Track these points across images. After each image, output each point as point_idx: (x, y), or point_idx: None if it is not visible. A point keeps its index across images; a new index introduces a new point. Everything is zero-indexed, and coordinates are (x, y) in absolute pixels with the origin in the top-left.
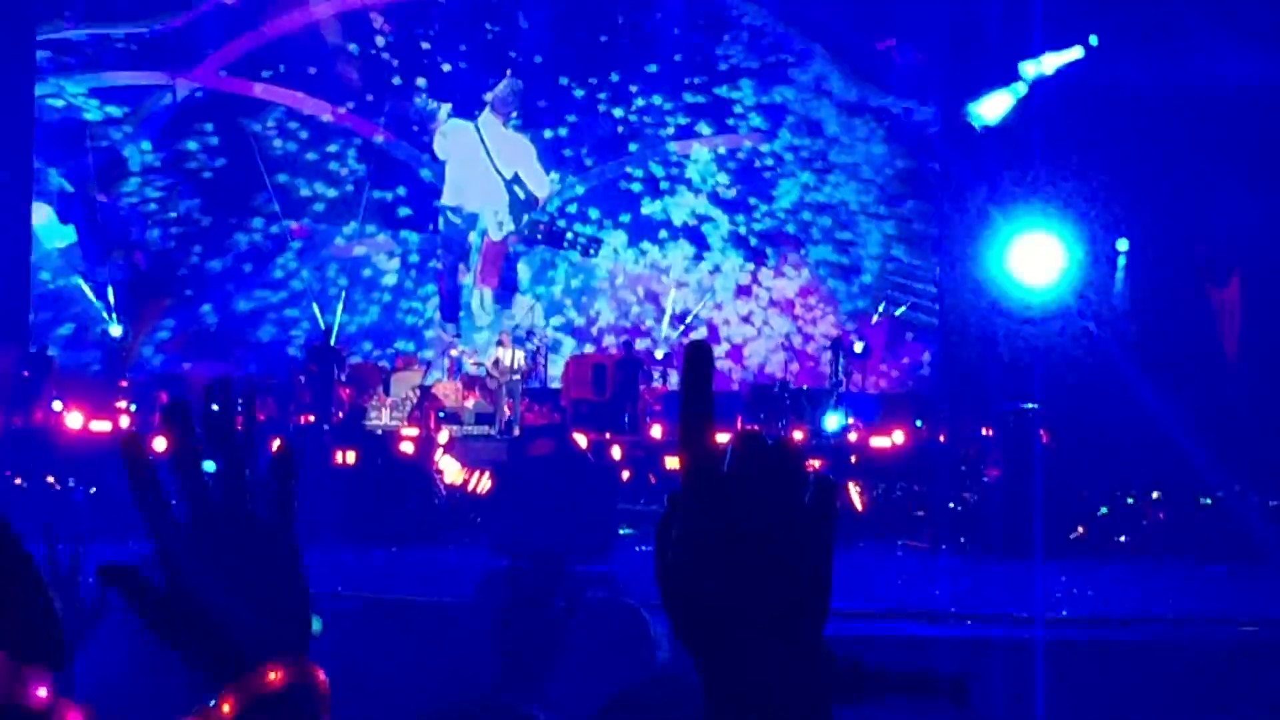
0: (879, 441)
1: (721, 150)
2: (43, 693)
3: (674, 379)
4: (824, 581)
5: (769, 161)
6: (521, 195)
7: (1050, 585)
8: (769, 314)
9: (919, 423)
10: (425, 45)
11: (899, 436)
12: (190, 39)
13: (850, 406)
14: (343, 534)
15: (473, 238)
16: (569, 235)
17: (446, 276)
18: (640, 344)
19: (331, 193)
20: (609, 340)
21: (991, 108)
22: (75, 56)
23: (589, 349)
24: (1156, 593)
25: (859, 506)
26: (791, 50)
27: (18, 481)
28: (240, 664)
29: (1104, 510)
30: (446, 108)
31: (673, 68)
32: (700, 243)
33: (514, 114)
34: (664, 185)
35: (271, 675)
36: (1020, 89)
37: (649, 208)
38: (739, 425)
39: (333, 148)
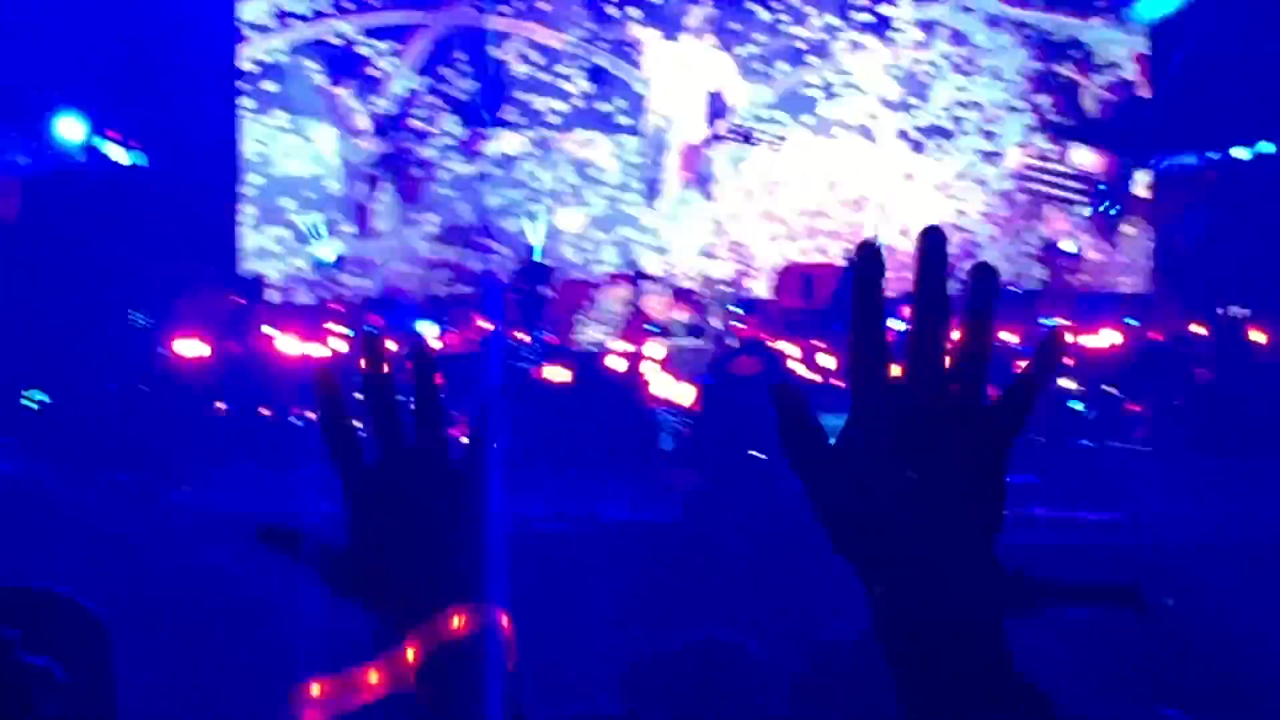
0: (1092, 341)
1: (885, 59)
2: None
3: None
4: (996, 492)
5: (926, 67)
6: (720, 103)
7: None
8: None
9: (1131, 320)
10: None
11: (1115, 336)
12: None
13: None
14: (579, 456)
15: (671, 137)
16: (759, 134)
17: (651, 167)
18: (834, 248)
19: (563, 106)
20: (804, 245)
21: None
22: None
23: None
24: None
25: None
26: None
27: (221, 407)
28: (423, 609)
29: None
30: (656, 33)
31: None
32: (870, 137)
33: (711, 34)
34: (838, 90)
35: (455, 621)
36: None
37: (825, 109)
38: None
39: (562, 68)
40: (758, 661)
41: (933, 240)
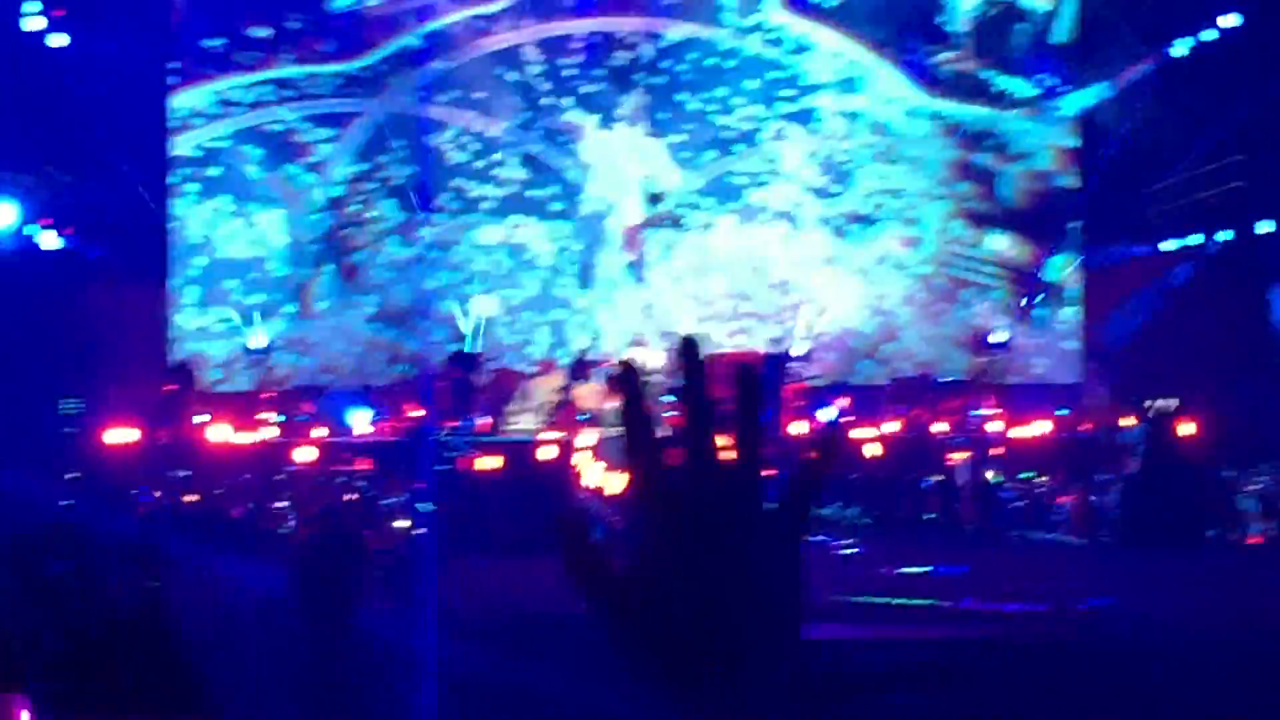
0: (1021, 431)
1: (810, 150)
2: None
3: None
4: (791, 593)
5: (847, 156)
6: (653, 189)
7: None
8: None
9: (1061, 411)
10: (568, 72)
11: (1045, 426)
12: (381, 73)
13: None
14: (483, 545)
15: (611, 222)
16: (686, 220)
17: (586, 252)
18: (766, 334)
19: (498, 192)
20: (730, 327)
21: None
22: (291, 90)
23: (727, 344)
24: None
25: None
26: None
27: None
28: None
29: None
30: (591, 120)
31: (767, 84)
32: (793, 223)
33: (643, 123)
34: (764, 178)
35: None
36: None
37: (751, 196)
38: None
39: (498, 156)
40: None
41: (688, 349)
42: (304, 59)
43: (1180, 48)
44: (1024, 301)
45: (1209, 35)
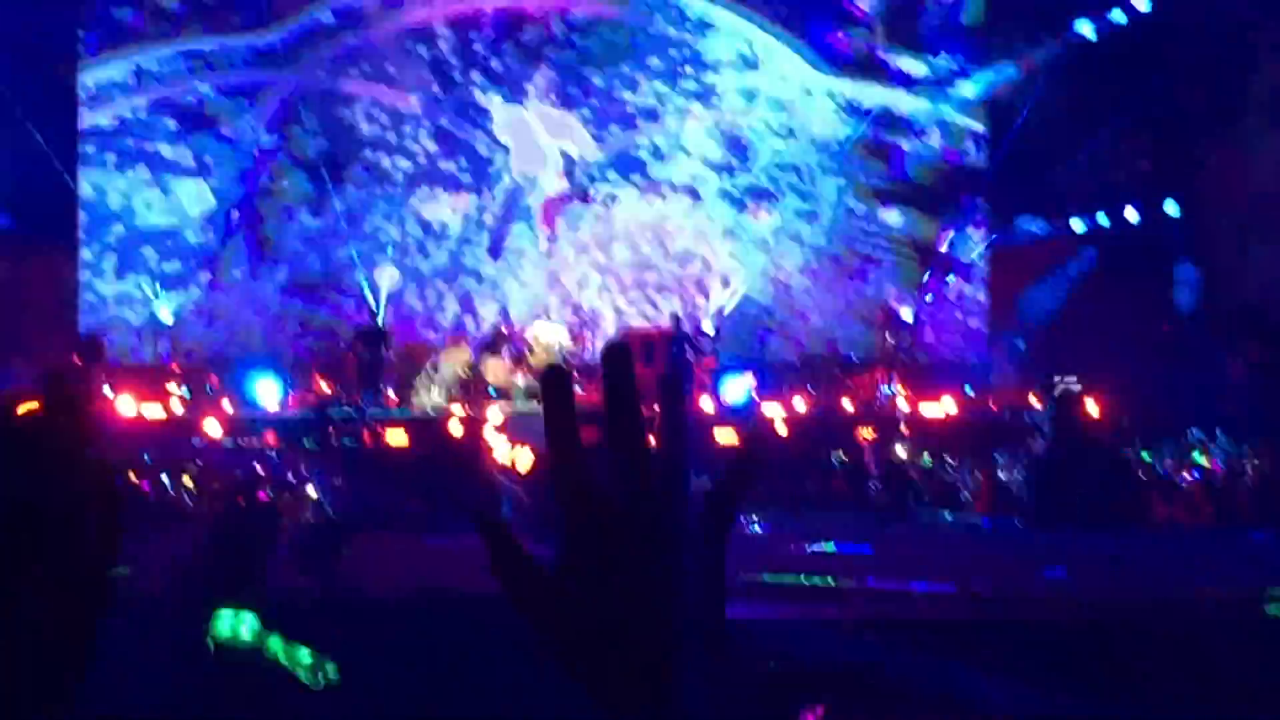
0: (930, 410)
1: (709, 124)
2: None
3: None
4: (716, 586)
5: (747, 132)
6: (563, 161)
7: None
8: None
9: (968, 390)
10: (477, 47)
11: (952, 405)
12: (292, 46)
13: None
14: (392, 520)
15: (530, 198)
16: (594, 193)
17: (499, 223)
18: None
19: (408, 164)
20: (633, 296)
21: None
22: (203, 62)
23: (631, 315)
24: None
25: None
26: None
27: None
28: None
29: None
30: (499, 96)
31: (671, 61)
32: (695, 196)
33: (552, 97)
34: (666, 152)
35: None
36: None
37: (655, 171)
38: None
39: (408, 128)
40: None
41: (614, 355)
42: (215, 30)
43: (1087, 29)
44: (925, 278)
45: (1117, 17)
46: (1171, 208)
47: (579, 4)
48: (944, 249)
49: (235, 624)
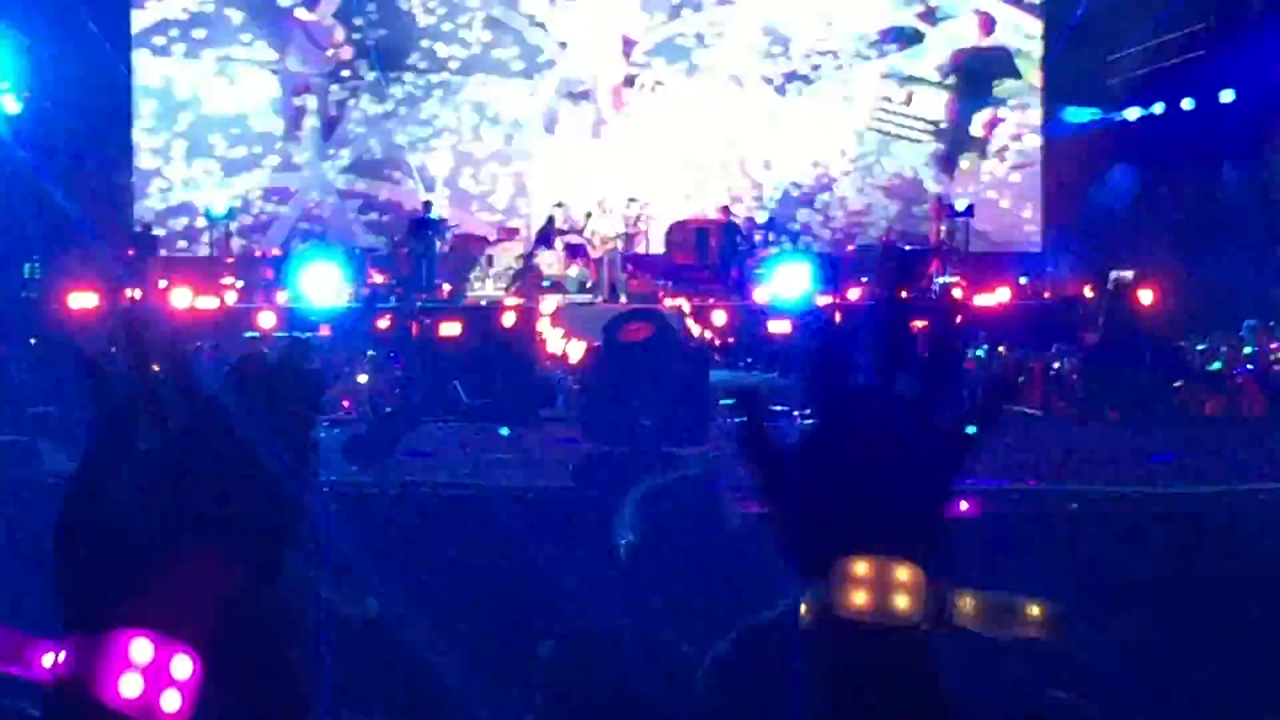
0: (984, 300)
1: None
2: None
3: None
4: (937, 512)
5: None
6: (621, 45)
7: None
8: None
9: (1023, 280)
10: None
11: (1004, 294)
12: None
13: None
14: (445, 411)
15: (581, 80)
16: (641, 79)
17: (550, 109)
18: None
19: (463, 52)
20: (681, 178)
21: None
22: None
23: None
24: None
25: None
26: None
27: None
28: (101, 617)
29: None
30: None
31: None
32: (738, 83)
33: None
34: (709, 41)
35: (135, 648)
36: None
37: (699, 58)
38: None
39: (463, 18)
40: (674, 648)
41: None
42: None
43: None
44: (970, 164)
45: None
46: (1227, 95)
47: None
48: (985, 134)
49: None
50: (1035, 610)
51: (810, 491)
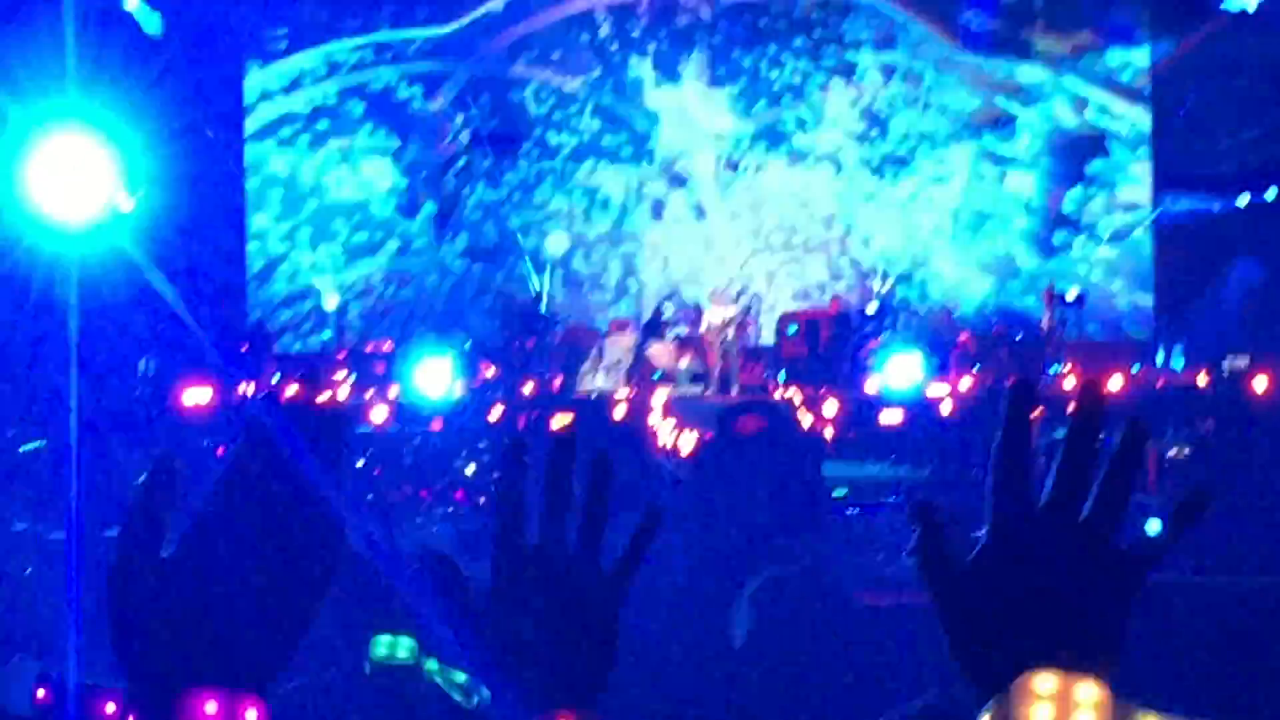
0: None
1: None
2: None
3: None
4: (1115, 633)
5: (884, 104)
6: (715, 135)
7: None
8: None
9: (1135, 368)
10: (635, 33)
11: (1116, 383)
12: (468, 36)
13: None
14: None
15: (684, 167)
16: (743, 163)
17: (657, 194)
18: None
19: (573, 140)
20: (781, 257)
21: None
22: (389, 52)
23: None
24: None
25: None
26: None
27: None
28: (537, 700)
29: None
30: (655, 75)
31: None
32: (837, 166)
33: (705, 75)
34: (809, 125)
35: None
36: None
37: (799, 142)
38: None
39: (573, 108)
40: None
41: (1091, 394)
42: (399, 24)
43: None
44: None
45: None
46: None
47: None
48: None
49: (393, 645)
50: None
51: (991, 605)
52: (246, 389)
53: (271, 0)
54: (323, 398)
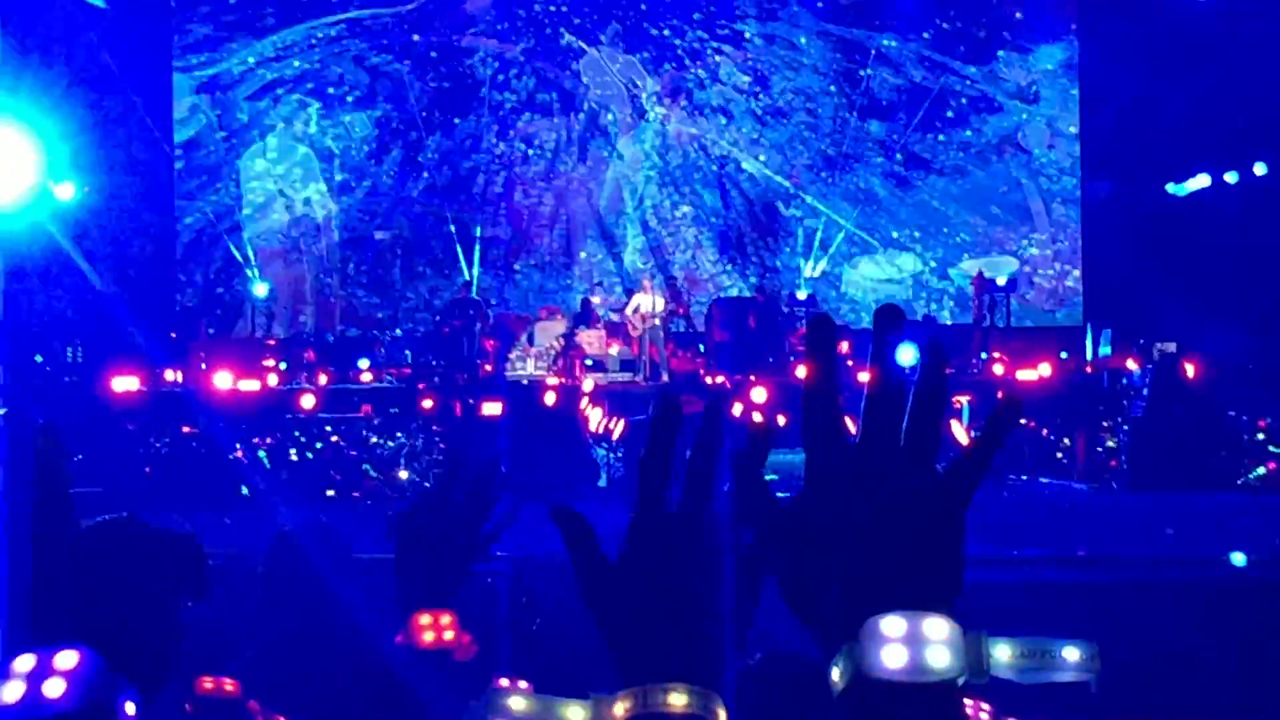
0: (1025, 375)
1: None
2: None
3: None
4: (951, 557)
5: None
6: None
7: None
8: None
9: (1064, 354)
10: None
11: (1045, 369)
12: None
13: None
14: (515, 491)
15: (605, 119)
16: (650, 115)
17: (581, 139)
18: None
19: (513, 97)
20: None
21: None
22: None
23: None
24: None
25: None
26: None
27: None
28: (653, 671)
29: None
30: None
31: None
32: (729, 115)
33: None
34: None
35: (676, 698)
36: None
37: (698, 97)
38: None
39: (513, 71)
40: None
41: (887, 316)
42: (368, 4)
43: None
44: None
45: None
46: (1260, 168)
47: None
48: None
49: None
50: (1072, 653)
51: (824, 552)
52: (174, 376)
53: None
54: (256, 385)
